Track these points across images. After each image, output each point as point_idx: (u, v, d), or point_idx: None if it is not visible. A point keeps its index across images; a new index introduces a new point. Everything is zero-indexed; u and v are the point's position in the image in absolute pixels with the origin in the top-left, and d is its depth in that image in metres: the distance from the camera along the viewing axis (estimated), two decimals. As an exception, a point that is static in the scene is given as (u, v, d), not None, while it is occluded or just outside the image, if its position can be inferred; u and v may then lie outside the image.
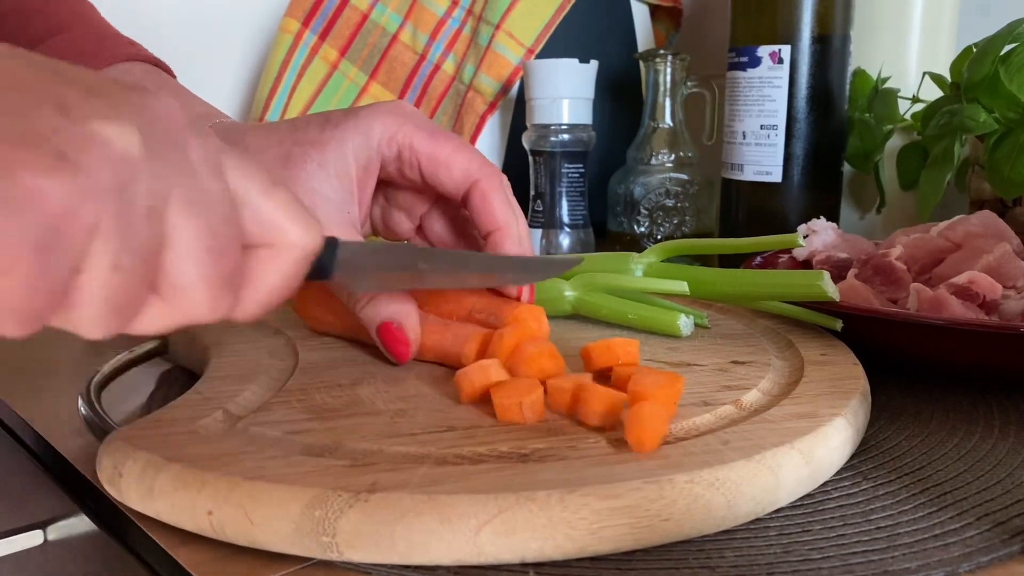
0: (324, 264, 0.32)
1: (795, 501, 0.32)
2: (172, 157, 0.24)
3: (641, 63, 0.83)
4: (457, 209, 0.47)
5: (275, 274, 0.28)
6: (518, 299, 0.43)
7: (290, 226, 0.28)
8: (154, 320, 0.26)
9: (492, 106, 0.85)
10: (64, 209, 0.21)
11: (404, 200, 0.47)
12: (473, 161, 0.42)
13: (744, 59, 0.71)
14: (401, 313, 0.41)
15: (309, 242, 0.29)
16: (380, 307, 0.41)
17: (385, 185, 0.46)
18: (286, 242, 0.28)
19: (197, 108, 0.47)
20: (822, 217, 0.62)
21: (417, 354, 0.42)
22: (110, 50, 0.48)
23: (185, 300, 0.25)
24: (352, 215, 0.42)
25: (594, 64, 0.76)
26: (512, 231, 0.43)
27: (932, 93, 0.71)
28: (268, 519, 0.28)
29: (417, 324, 0.41)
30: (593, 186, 0.79)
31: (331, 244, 0.33)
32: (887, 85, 0.75)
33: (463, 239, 0.47)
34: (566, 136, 0.75)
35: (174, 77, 0.50)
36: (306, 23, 0.90)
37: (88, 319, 0.24)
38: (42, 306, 0.22)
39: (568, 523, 0.27)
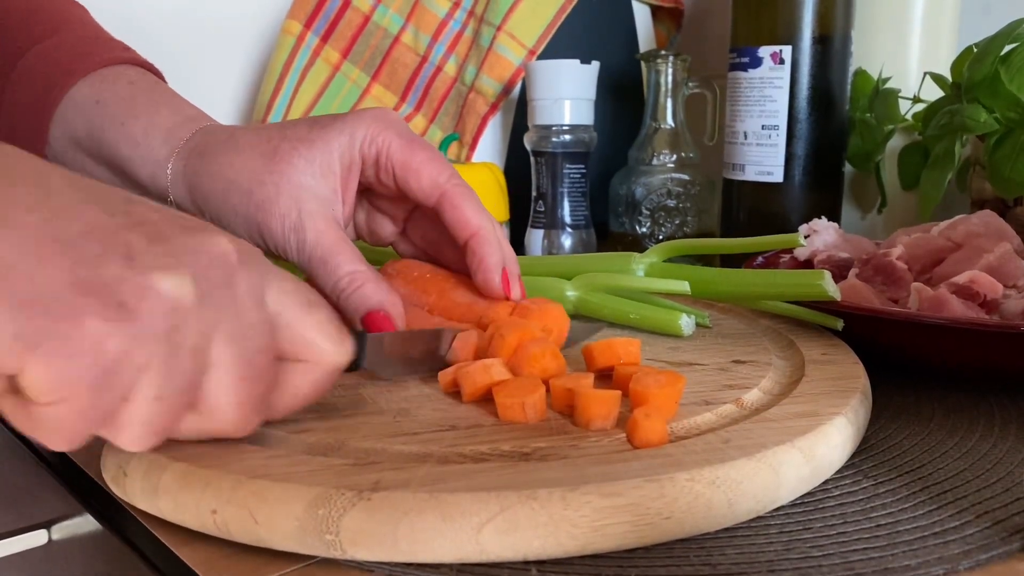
0: (357, 360, 0.34)
1: (796, 499, 0.33)
2: (221, 299, 0.27)
3: (642, 64, 0.83)
4: (432, 224, 0.48)
5: (307, 386, 0.31)
6: (507, 298, 0.44)
7: (325, 345, 0.31)
8: (189, 432, 0.29)
9: (494, 107, 0.85)
10: (120, 353, 0.24)
11: (386, 206, 0.48)
12: (443, 173, 0.44)
13: (745, 59, 0.71)
14: (387, 303, 0.41)
15: (341, 358, 0.31)
16: (367, 296, 0.41)
17: (368, 191, 0.47)
18: (321, 358, 0.31)
19: (187, 111, 0.47)
20: (823, 217, 0.62)
21: None
22: (101, 53, 0.49)
23: (219, 419, 0.28)
24: (336, 212, 0.43)
25: (595, 65, 0.76)
26: (489, 233, 0.44)
27: (933, 93, 0.71)
28: (272, 517, 0.28)
29: (403, 313, 0.42)
30: (595, 187, 0.80)
31: (360, 339, 0.35)
32: (888, 85, 0.75)
33: (445, 244, 0.48)
34: (568, 137, 0.75)
35: (164, 80, 0.51)
36: (308, 25, 0.91)
37: (129, 438, 0.26)
38: (89, 428, 0.25)
39: (570, 521, 0.27)
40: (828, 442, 0.33)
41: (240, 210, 0.43)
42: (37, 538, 0.43)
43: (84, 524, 0.38)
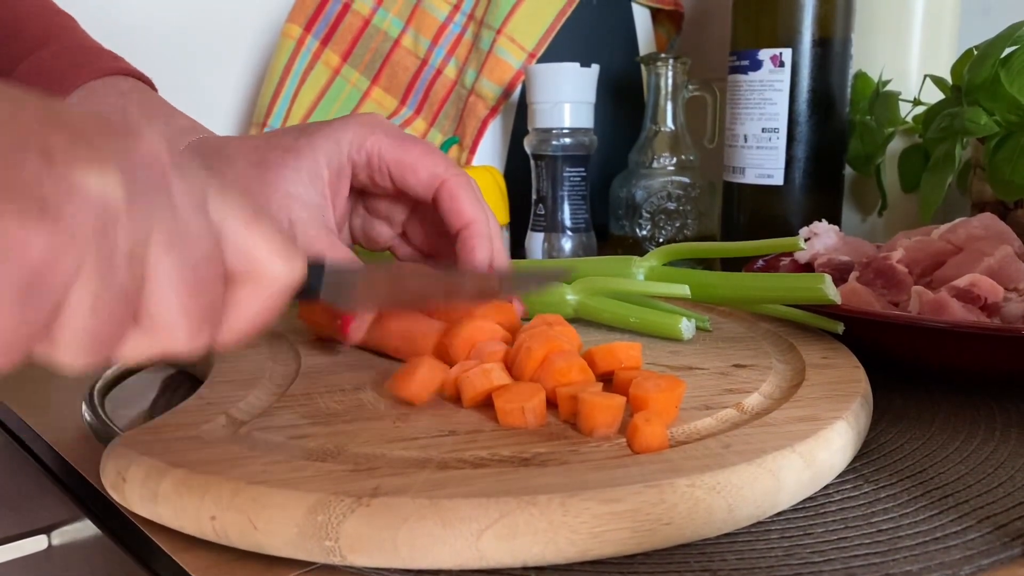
0: (312, 286, 0.33)
1: (796, 504, 0.32)
2: (154, 199, 0.25)
3: (642, 67, 0.83)
4: (437, 215, 0.48)
5: (256, 305, 0.29)
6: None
7: (272, 259, 0.28)
8: (134, 350, 0.26)
9: (494, 110, 0.85)
10: (46, 257, 0.22)
11: (383, 208, 0.48)
12: (439, 164, 0.44)
13: (745, 62, 0.71)
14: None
15: (290, 274, 0.29)
16: None
17: (363, 195, 0.47)
18: (267, 274, 0.28)
19: (180, 122, 0.47)
20: (823, 220, 0.62)
21: (380, 340, 0.43)
22: (93, 64, 0.49)
23: (165, 333, 0.26)
24: (327, 218, 0.44)
25: (595, 68, 0.76)
26: (482, 227, 0.44)
27: (933, 95, 0.71)
28: (271, 524, 0.28)
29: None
30: (595, 189, 0.79)
31: (318, 265, 0.33)
32: (888, 88, 0.75)
33: (445, 245, 0.48)
34: (568, 140, 0.75)
35: (155, 89, 0.51)
36: (308, 29, 0.91)
37: (68, 354, 0.24)
38: (22, 343, 0.23)
39: (569, 527, 0.27)
40: (829, 447, 0.33)
41: None
42: (37, 543, 0.43)
43: (84, 529, 0.38)
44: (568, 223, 0.77)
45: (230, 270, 0.28)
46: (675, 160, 0.79)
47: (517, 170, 0.84)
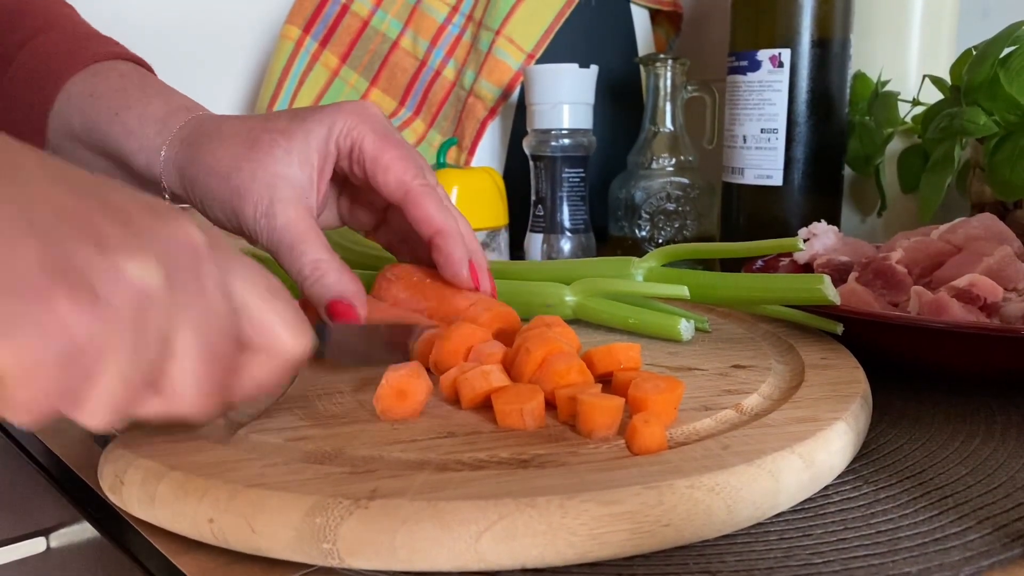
0: (317, 350, 0.35)
1: (796, 505, 0.32)
2: (188, 283, 0.28)
3: (641, 67, 0.83)
4: (403, 221, 0.48)
5: (266, 374, 0.32)
6: (476, 289, 0.45)
7: (285, 334, 0.31)
8: (150, 412, 0.29)
9: (493, 112, 0.85)
10: (86, 335, 0.25)
11: (364, 196, 0.49)
12: (409, 171, 0.45)
13: (744, 63, 0.71)
14: (350, 291, 0.42)
15: (300, 347, 0.32)
16: (329, 286, 0.42)
17: (344, 185, 0.49)
18: (279, 348, 0.31)
19: (177, 100, 0.49)
20: (823, 220, 0.62)
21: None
22: (92, 49, 0.50)
23: (179, 401, 0.28)
24: (310, 201, 0.44)
25: (594, 69, 0.76)
26: (452, 230, 0.45)
27: (932, 96, 0.71)
28: (269, 526, 0.28)
29: (365, 303, 0.43)
30: (594, 190, 0.79)
31: (320, 329, 0.36)
32: (887, 88, 0.75)
33: (417, 239, 0.48)
34: (567, 141, 0.75)
35: (154, 74, 0.52)
36: (307, 30, 0.91)
37: (91, 416, 0.26)
38: (53, 405, 0.25)
39: (568, 529, 0.27)
40: (828, 448, 0.33)
41: (218, 194, 0.44)
42: (36, 545, 0.43)
43: (82, 532, 0.38)
44: (567, 224, 0.77)
45: (245, 340, 0.31)
46: (674, 161, 0.78)
47: (516, 171, 0.84)
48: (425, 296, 0.46)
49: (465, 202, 0.72)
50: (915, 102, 0.74)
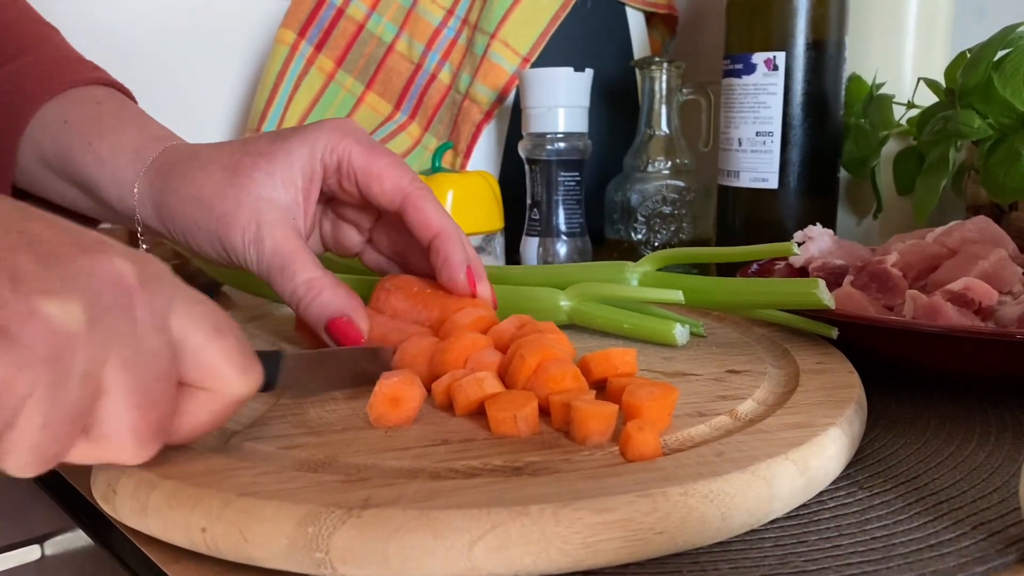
0: (268, 380, 0.34)
1: (790, 512, 0.32)
2: (116, 321, 0.26)
3: (637, 70, 0.83)
4: (398, 230, 0.48)
5: (208, 414, 0.30)
6: (473, 295, 0.45)
7: (230, 374, 0.30)
8: (81, 458, 0.27)
9: (488, 115, 0.85)
10: (1, 380, 0.23)
11: (350, 215, 0.49)
12: (404, 177, 0.44)
13: (739, 66, 0.71)
14: (349, 307, 0.42)
15: (246, 387, 0.30)
16: (326, 304, 0.41)
17: (332, 201, 0.48)
18: (223, 388, 0.30)
19: (153, 130, 0.47)
20: (818, 223, 0.62)
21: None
22: (71, 74, 0.49)
23: (113, 445, 0.27)
24: (297, 222, 0.44)
25: (589, 72, 0.76)
26: (452, 233, 0.44)
27: (927, 98, 0.71)
28: (261, 536, 0.28)
29: (366, 317, 0.42)
30: (590, 193, 0.79)
31: (273, 360, 0.34)
32: (882, 91, 0.75)
33: (412, 251, 0.48)
34: (562, 144, 0.75)
35: (134, 100, 0.51)
36: (302, 34, 0.91)
37: (15, 464, 0.25)
38: None
39: (562, 537, 0.27)
40: (822, 453, 0.33)
41: (203, 225, 0.43)
42: (30, 553, 0.43)
43: (76, 540, 0.38)
44: (563, 228, 0.77)
45: (187, 380, 0.29)
46: (670, 164, 0.78)
47: (512, 175, 0.84)
48: (426, 306, 0.45)
49: (461, 206, 0.72)
50: (910, 104, 0.74)
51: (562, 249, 0.77)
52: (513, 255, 0.81)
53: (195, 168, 0.44)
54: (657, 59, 0.78)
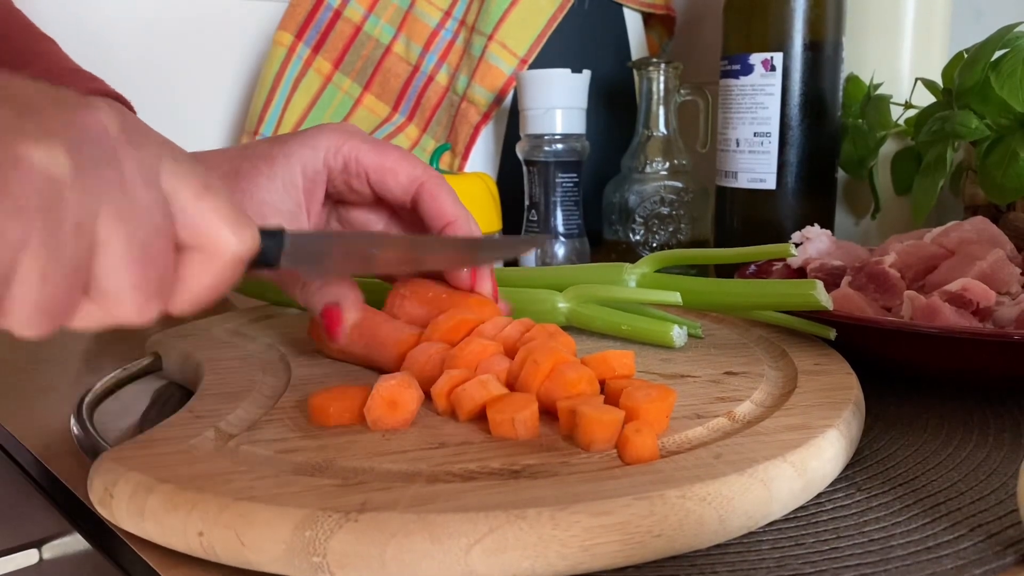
0: (269, 255, 0.33)
1: (788, 514, 0.32)
2: (103, 172, 0.26)
3: (634, 71, 0.83)
4: (411, 227, 0.48)
5: (207, 276, 0.30)
6: (471, 290, 0.44)
7: (222, 230, 0.29)
8: (87, 320, 0.27)
9: (486, 116, 0.85)
10: None
11: (358, 219, 0.48)
12: (417, 167, 0.45)
13: (736, 67, 0.71)
14: (339, 295, 0.42)
15: (240, 245, 0.29)
16: (324, 291, 0.42)
17: (338, 205, 0.48)
18: (217, 246, 0.29)
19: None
20: (816, 224, 0.62)
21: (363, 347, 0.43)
22: (68, 85, 0.49)
23: (115, 304, 0.27)
24: (300, 224, 0.44)
25: (587, 74, 0.76)
26: (464, 223, 0.44)
27: (925, 99, 0.71)
28: (259, 540, 0.28)
29: (357, 306, 0.42)
30: (588, 195, 0.79)
31: (277, 235, 0.33)
32: (880, 91, 0.75)
33: None
34: (560, 146, 0.75)
35: (133, 111, 0.51)
36: (299, 36, 0.91)
37: (19, 323, 0.25)
38: None
39: (559, 541, 0.27)
40: (820, 455, 0.33)
41: None
42: (28, 557, 0.43)
43: (75, 544, 0.38)
44: (561, 229, 0.77)
45: (181, 241, 0.29)
46: (668, 165, 0.78)
47: (510, 176, 0.84)
48: (442, 310, 0.45)
49: (458, 208, 0.72)
50: (908, 105, 0.74)
51: (560, 250, 0.77)
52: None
53: None
54: (655, 60, 0.78)
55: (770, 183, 0.71)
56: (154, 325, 0.30)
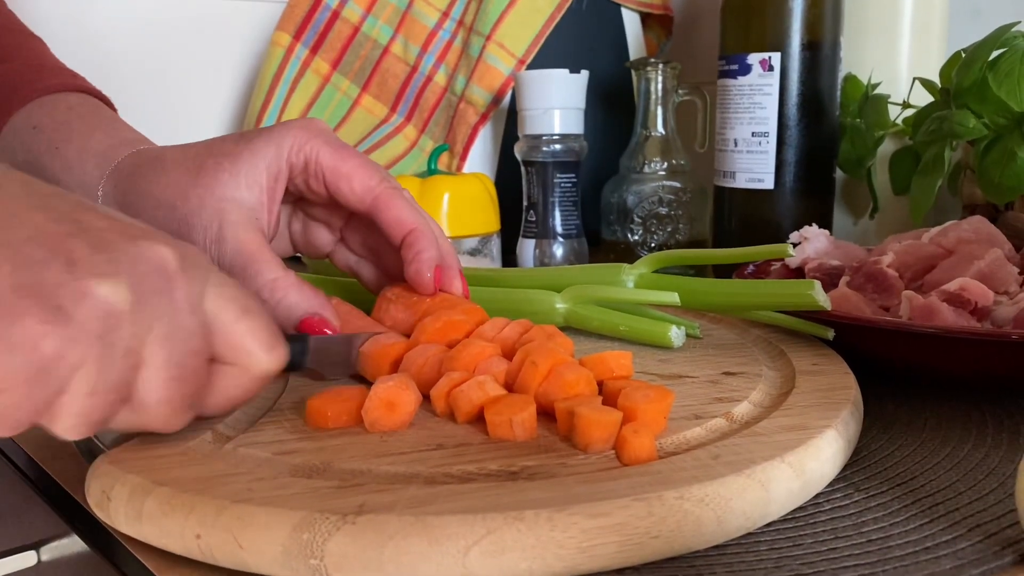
0: (296, 361, 0.37)
1: (786, 514, 0.32)
2: (158, 302, 0.29)
3: (632, 72, 0.83)
4: (368, 232, 0.48)
5: (238, 388, 0.33)
6: (434, 293, 0.44)
7: (257, 351, 0.32)
8: (121, 424, 0.30)
9: (484, 117, 0.85)
10: (55, 352, 0.26)
11: (321, 214, 0.48)
12: (374, 176, 0.44)
13: (734, 67, 0.71)
14: (315, 306, 0.42)
15: (272, 363, 0.33)
16: (293, 307, 0.42)
17: (301, 201, 0.48)
18: (250, 364, 0.32)
19: (123, 134, 0.47)
20: (814, 224, 0.62)
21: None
22: (45, 80, 0.50)
23: (151, 414, 0.30)
24: (261, 222, 0.44)
25: (585, 74, 0.76)
26: (425, 230, 0.44)
27: (923, 98, 0.71)
28: (256, 542, 0.28)
29: (336, 314, 0.43)
30: (586, 195, 0.79)
31: (302, 340, 0.37)
32: (877, 91, 0.75)
33: (385, 250, 0.48)
34: (558, 146, 0.75)
35: (112, 107, 0.51)
36: (297, 36, 0.91)
37: (64, 428, 0.28)
38: (25, 418, 0.27)
39: (557, 542, 0.27)
40: (818, 456, 0.33)
41: (166, 226, 0.43)
42: (26, 559, 0.43)
43: (73, 545, 0.38)
44: (559, 229, 0.77)
45: (218, 355, 0.32)
46: (666, 165, 0.78)
47: (508, 177, 0.84)
48: (428, 314, 0.44)
49: (457, 208, 0.72)
50: (906, 104, 0.74)
51: (558, 251, 0.77)
52: (509, 257, 0.81)
53: (159, 170, 0.44)
54: (653, 60, 0.78)
55: (768, 183, 0.71)
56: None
